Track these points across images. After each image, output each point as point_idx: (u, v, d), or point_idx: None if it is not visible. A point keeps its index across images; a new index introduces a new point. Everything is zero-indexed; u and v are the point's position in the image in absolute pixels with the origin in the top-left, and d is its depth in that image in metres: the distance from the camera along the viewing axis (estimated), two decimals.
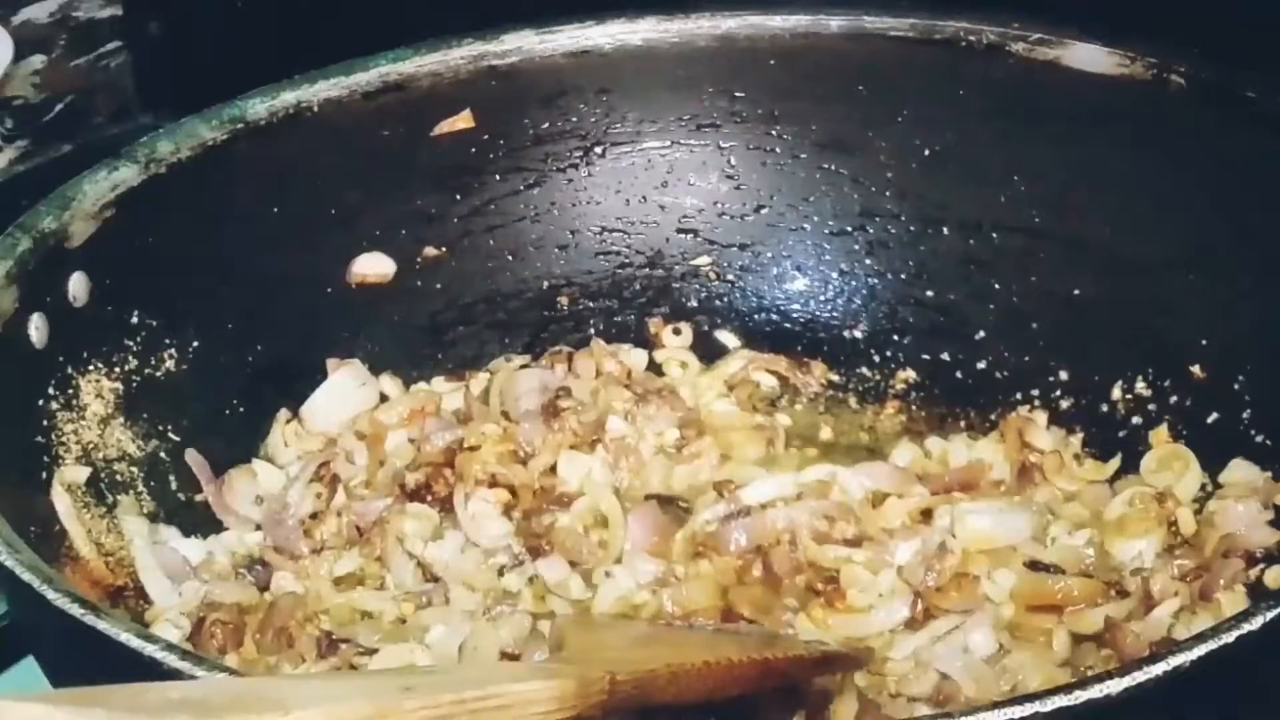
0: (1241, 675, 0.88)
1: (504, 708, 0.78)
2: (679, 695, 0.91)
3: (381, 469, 1.25)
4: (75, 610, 0.91)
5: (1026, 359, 1.31)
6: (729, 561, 1.17)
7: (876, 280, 1.37)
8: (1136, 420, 1.26)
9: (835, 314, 1.37)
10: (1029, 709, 0.82)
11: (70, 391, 1.17)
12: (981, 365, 1.33)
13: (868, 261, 1.37)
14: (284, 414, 1.29)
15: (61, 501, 1.13)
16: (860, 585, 1.14)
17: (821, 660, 1.06)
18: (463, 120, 1.35)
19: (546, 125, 1.37)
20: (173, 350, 1.24)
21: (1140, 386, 1.26)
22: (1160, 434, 1.24)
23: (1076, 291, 1.30)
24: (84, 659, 0.95)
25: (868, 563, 1.15)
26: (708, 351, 1.38)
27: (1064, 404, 1.29)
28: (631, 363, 1.35)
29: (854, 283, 1.37)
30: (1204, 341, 1.23)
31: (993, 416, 1.30)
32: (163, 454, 1.22)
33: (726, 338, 1.39)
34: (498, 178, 1.37)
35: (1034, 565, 1.15)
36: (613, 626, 1.13)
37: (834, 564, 1.15)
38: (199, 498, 1.23)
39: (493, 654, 1.10)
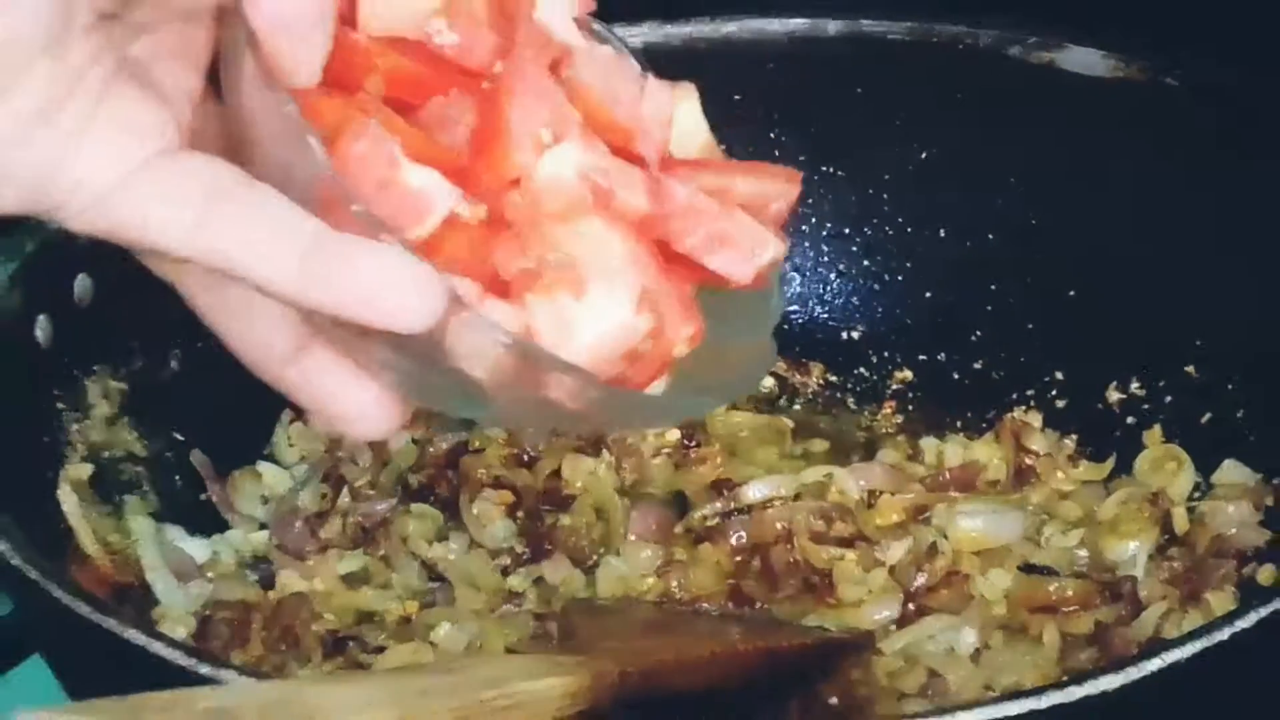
0: (1236, 672, 0.89)
1: (520, 705, 0.79)
2: (687, 684, 0.92)
3: (385, 470, 1.25)
4: (82, 608, 0.91)
5: (1022, 360, 1.31)
6: (728, 551, 1.18)
7: (874, 282, 1.37)
8: (1131, 420, 1.26)
9: (833, 315, 1.38)
10: (1025, 705, 0.83)
11: (76, 392, 1.18)
12: (978, 366, 1.33)
13: (865, 263, 1.37)
14: (288, 414, 1.29)
15: (68, 500, 1.13)
16: (851, 580, 1.15)
17: (826, 647, 1.07)
18: None
19: None
20: (177, 351, 1.24)
21: (1135, 387, 1.27)
22: (1155, 434, 1.24)
23: (1072, 292, 1.30)
24: (91, 657, 0.95)
25: (859, 559, 1.16)
26: None
27: (1059, 404, 1.29)
28: None
29: (852, 284, 1.37)
30: (1199, 342, 1.24)
31: (989, 416, 1.30)
32: (168, 454, 1.23)
33: None
34: None
35: (1028, 568, 1.16)
36: (620, 612, 1.13)
37: (827, 563, 1.16)
38: (204, 496, 1.24)
39: (500, 652, 1.10)
